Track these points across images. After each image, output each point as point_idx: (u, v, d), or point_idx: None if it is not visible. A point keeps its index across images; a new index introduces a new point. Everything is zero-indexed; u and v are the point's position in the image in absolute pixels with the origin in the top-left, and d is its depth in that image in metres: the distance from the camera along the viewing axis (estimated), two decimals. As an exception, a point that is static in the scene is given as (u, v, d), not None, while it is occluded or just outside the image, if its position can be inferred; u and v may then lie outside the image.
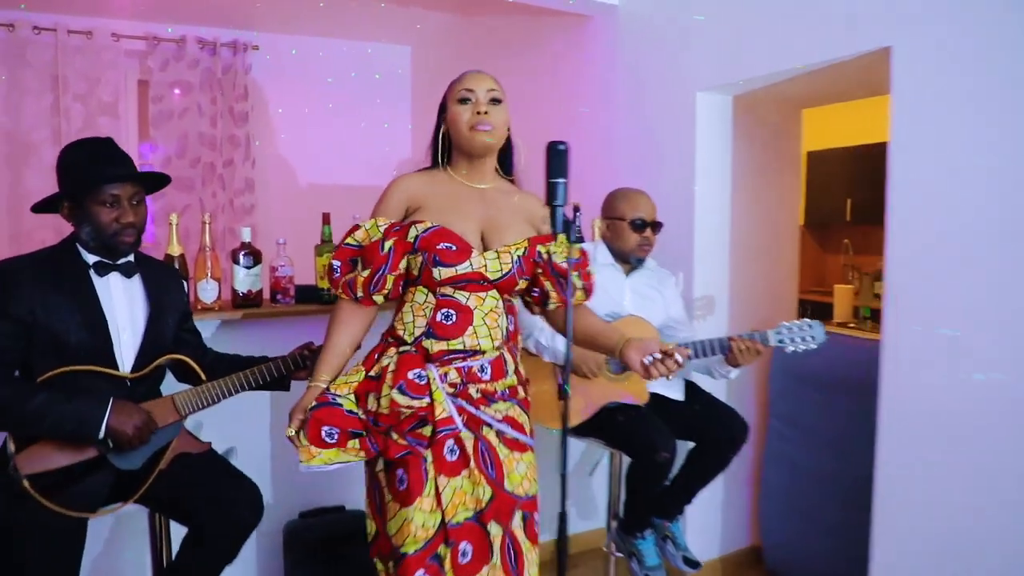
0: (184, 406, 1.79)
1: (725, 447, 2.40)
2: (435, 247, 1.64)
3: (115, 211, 1.75)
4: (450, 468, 1.65)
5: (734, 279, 2.86)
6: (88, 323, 1.71)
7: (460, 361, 1.67)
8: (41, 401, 1.59)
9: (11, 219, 4.22)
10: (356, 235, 1.71)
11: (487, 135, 1.70)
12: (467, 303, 1.67)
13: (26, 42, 4.19)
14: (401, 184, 1.74)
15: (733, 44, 2.56)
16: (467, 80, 1.74)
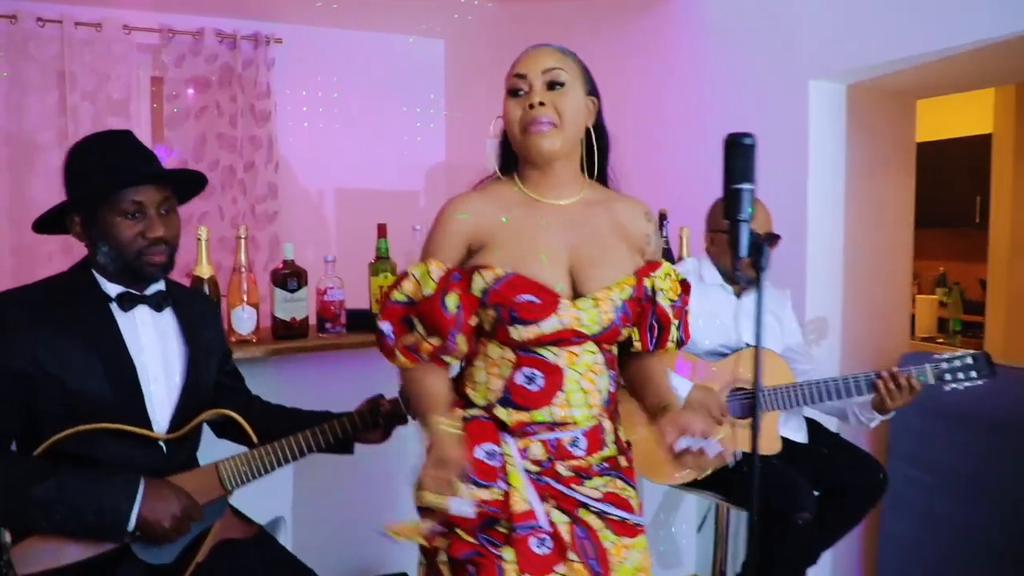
0: (232, 478, 1.41)
1: (861, 499, 2.03)
2: (511, 301, 1.23)
3: (139, 223, 1.36)
4: (540, 565, 1.23)
5: (848, 294, 2.46)
6: (112, 373, 1.32)
7: (547, 432, 1.28)
8: (51, 487, 1.20)
9: (13, 230, 3.87)
10: (404, 287, 1.28)
11: (544, 138, 1.26)
12: (556, 361, 1.26)
13: (29, 35, 3.84)
14: (457, 212, 1.30)
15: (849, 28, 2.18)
16: (519, 62, 1.31)
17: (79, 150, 1.40)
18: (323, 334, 2.04)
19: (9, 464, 1.21)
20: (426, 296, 1.24)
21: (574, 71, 1.32)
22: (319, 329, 2.05)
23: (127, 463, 1.30)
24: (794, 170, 2.36)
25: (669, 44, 2.88)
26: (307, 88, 4.52)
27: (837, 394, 1.89)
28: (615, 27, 3.17)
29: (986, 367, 1.85)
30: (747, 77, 2.54)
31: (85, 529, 1.23)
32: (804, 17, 2.32)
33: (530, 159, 1.29)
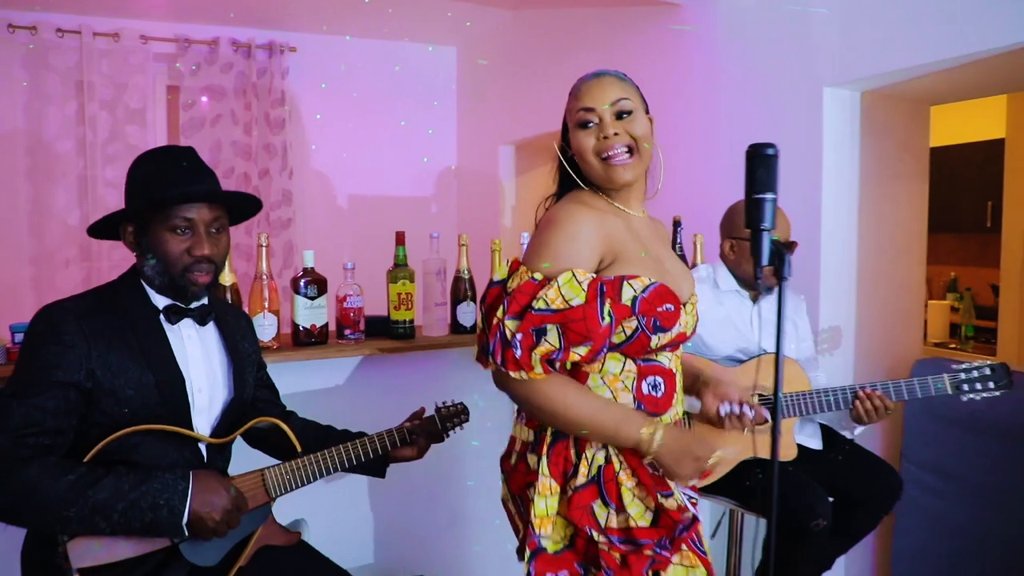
0: (276, 486, 1.43)
1: (875, 506, 2.04)
2: (656, 311, 1.25)
3: (187, 240, 1.37)
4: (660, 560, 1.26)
5: (862, 300, 2.47)
6: (161, 385, 1.35)
7: None
8: (108, 488, 1.23)
9: (33, 238, 3.91)
10: (548, 296, 1.21)
11: (626, 169, 1.30)
12: (670, 366, 1.33)
13: (49, 45, 3.90)
14: (591, 220, 1.27)
15: (863, 36, 2.19)
16: (583, 95, 1.33)
17: (141, 162, 1.42)
18: (342, 340, 2.06)
19: (65, 470, 1.22)
20: (574, 305, 1.20)
21: (635, 96, 1.35)
22: (338, 335, 2.08)
23: (175, 469, 1.32)
24: (809, 177, 2.37)
25: (681, 52, 2.89)
26: (321, 96, 4.55)
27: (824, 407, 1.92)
28: (627, 36, 3.19)
29: (1004, 377, 1.85)
30: (761, 85, 2.55)
31: (142, 527, 1.25)
32: (818, 25, 2.33)
33: (611, 186, 1.33)
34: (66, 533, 1.25)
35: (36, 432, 1.24)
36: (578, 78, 1.39)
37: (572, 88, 1.38)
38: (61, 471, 1.22)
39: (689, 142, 2.85)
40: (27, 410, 1.24)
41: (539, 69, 3.86)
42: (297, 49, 4.42)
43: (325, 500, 2.09)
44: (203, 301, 1.45)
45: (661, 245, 1.41)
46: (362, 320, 2.10)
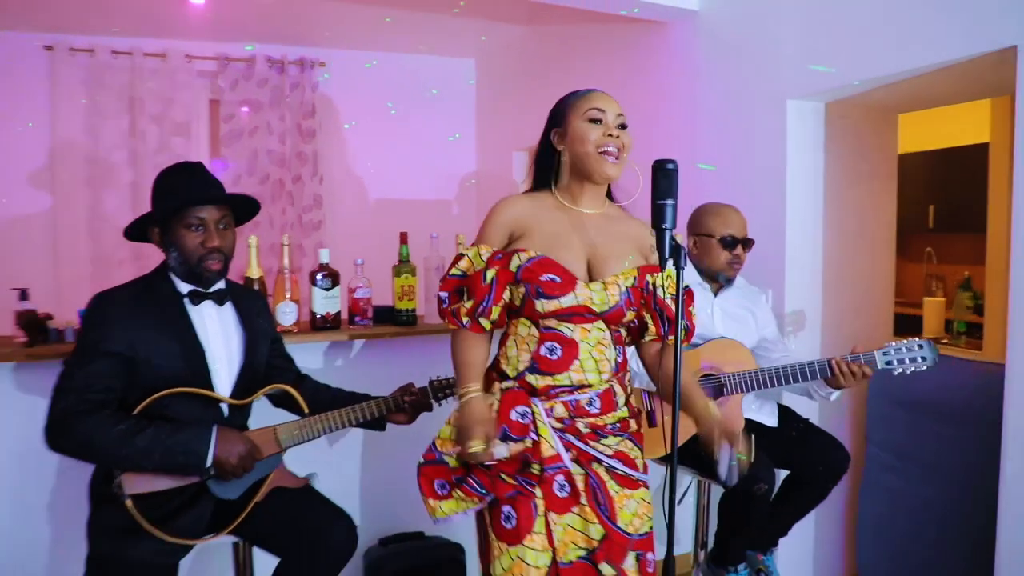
0: (286, 439, 1.75)
1: (824, 477, 2.27)
2: (538, 279, 1.55)
3: (200, 235, 1.70)
4: (560, 505, 1.57)
5: (828, 294, 2.70)
6: (186, 354, 1.67)
7: (567, 395, 1.58)
8: (149, 437, 1.55)
9: (91, 240, 4.32)
10: (460, 264, 1.64)
11: (613, 166, 1.60)
12: (572, 336, 1.58)
13: (105, 66, 4.31)
14: (505, 209, 1.64)
15: (826, 48, 2.42)
16: (596, 99, 1.63)
17: (163, 176, 1.75)
18: (353, 326, 2.38)
19: (117, 421, 1.56)
20: (477, 271, 1.59)
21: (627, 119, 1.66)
22: (350, 322, 2.40)
23: (202, 423, 1.65)
24: (773, 182, 2.60)
25: (668, 66, 3.15)
26: (348, 107, 4.91)
27: (802, 377, 2.13)
28: (624, 50, 3.46)
29: (930, 353, 2.06)
30: (732, 97, 2.80)
31: (176, 467, 1.58)
32: (783, 41, 2.56)
33: (594, 174, 1.60)
34: (118, 469, 1.58)
35: (93, 391, 1.56)
36: (581, 90, 1.67)
37: (573, 96, 1.66)
38: (114, 422, 1.55)
39: (674, 151, 3.10)
40: (85, 375, 1.57)
41: (549, 79, 4.14)
42: (326, 64, 4.78)
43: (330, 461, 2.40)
44: (220, 285, 1.78)
45: (599, 236, 1.63)
46: (370, 309, 2.41)
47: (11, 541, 2.05)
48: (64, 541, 2.08)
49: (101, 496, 1.63)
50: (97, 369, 1.58)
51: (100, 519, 1.63)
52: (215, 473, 1.62)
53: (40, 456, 1.96)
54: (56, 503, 2.09)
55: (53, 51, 4.24)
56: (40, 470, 2.07)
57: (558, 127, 1.65)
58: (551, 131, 1.67)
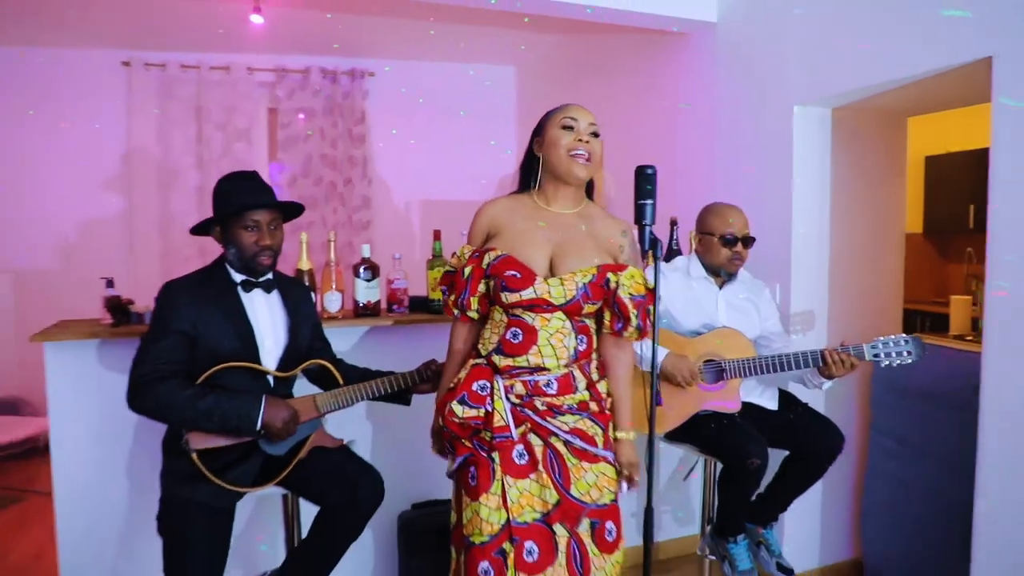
0: (323, 406, 2.04)
1: (820, 457, 2.42)
2: (503, 274, 1.77)
3: (255, 235, 2.00)
4: (517, 471, 1.77)
5: (834, 292, 2.86)
6: (238, 333, 1.97)
7: (527, 375, 1.78)
8: (209, 402, 1.86)
9: (161, 237, 4.74)
10: (451, 262, 1.92)
11: (582, 167, 1.80)
12: (533, 323, 1.78)
13: (175, 79, 4.72)
14: (485, 211, 1.87)
15: (831, 58, 2.58)
16: (571, 110, 1.84)
17: (222, 182, 2.05)
18: (391, 313, 2.65)
19: (183, 388, 1.86)
20: (461, 266, 1.85)
21: (600, 132, 1.87)
22: (388, 310, 2.67)
23: (252, 392, 1.94)
24: (780, 185, 2.78)
25: (688, 74, 3.35)
26: (396, 113, 5.23)
27: (795, 365, 2.32)
28: (650, 59, 3.66)
29: (916, 348, 2.22)
30: (743, 104, 2.98)
31: (231, 428, 1.88)
32: (791, 48, 2.74)
33: (565, 176, 1.81)
34: (183, 427, 1.89)
35: (164, 363, 1.87)
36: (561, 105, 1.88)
37: (553, 110, 1.87)
38: (181, 389, 1.86)
39: (689, 154, 3.31)
40: (157, 349, 1.88)
41: (583, 84, 4.37)
42: (375, 74, 5.11)
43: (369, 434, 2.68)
44: (268, 276, 2.07)
45: (565, 235, 1.81)
46: (407, 298, 2.68)
47: (96, 490, 2.40)
48: (139, 488, 2.42)
49: (171, 450, 1.94)
50: (167, 345, 1.88)
51: (171, 468, 1.94)
52: (264, 434, 1.91)
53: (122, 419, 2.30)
54: (133, 457, 2.43)
55: (130, 66, 4.68)
56: (121, 431, 2.41)
57: (539, 136, 1.87)
58: (533, 140, 1.89)
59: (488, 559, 1.73)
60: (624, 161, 2.09)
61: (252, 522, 2.54)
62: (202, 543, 1.89)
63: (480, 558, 1.73)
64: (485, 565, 1.73)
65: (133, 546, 2.43)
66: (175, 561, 1.88)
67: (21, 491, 4.11)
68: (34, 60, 4.60)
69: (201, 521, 1.89)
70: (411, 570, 2.50)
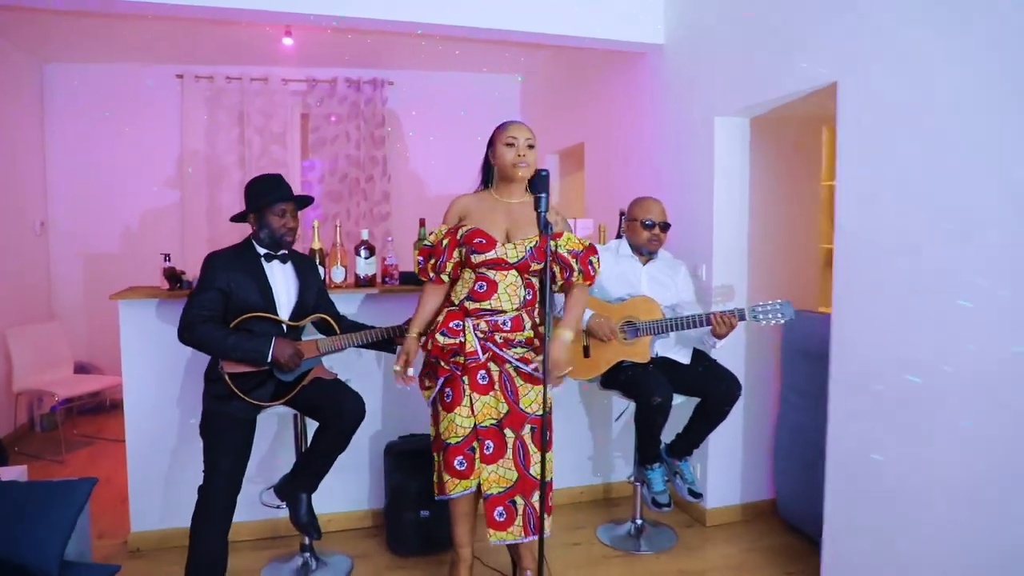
0: (322, 347, 2.71)
1: (723, 400, 3.00)
2: (472, 241, 2.43)
3: (284, 219, 2.69)
4: (481, 389, 2.46)
5: (752, 270, 3.42)
6: (261, 292, 2.64)
7: (489, 316, 2.44)
8: (234, 340, 2.54)
9: (209, 225, 5.50)
10: (429, 239, 2.57)
11: (522, 170, 2.47)
12: (494, 278, 2.45)
13: (221, 89, 5.45)
14: (458, 202, 2.55)
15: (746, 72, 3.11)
16: (512, 130, 2.49)
17: (255, 182, 2.71)
18: (384, 284, 3.33)
19: (218, 329, 2.54)
20: (437, 241, 2.51)
21: (536, 142, 2.52)
22: (382, 281, 3.35)
23: (268, 334, 2.63)
24: (703, 185, 3.37)
25: (639, 90, 3.96)
26: (413, 118, 5.90)
27: (684, 326, 2.88)
28: (622, 73, 4.26)
29: (788, 310, 2.80)
30: (677, 114, 3.57)
31: (249, 358, 2.55)
32: (716, 66, 3.30)
33: (511, 178, 2.48)
34: (218, 356, 2.58)
35: (206, 309, 2.56)
36: (506, 122, 2.53)
37: (500, 127, 2.52)
38: (217, 329, 2.54)
39: (640, 156, 3.91)
40: (201, 300, 2.56)
41: (572, 93, 4.98)
42: (394, 83, 5.78)
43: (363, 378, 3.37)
44: (285, 252, 2.73)
45: (513, 216, 2.48)
46: (397, 272, 3.36)
47: (155, 416, 3.13)
48: (187, 412, 3.15)
49: (211, 376, 2.64)
50: (208, 297, 2.57)
51: (209, 390, 2.64)
52: (275, 364, 2.60)
53: (175, 360, 3.03)
54: (183, 391, 3.16)
55: (183, 79, 5.43)
56: (174, 369, 3.13)
57: (491, 148, 2.54)
58: (488, 150, 2.56)
59: (462, 454, 2.45)
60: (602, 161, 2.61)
61: (274, 445, 3.25)
62: (231, 444, 2.58)
63: (455, 454, 2.45)
64: (460, 458, 2.45)
65: (181, 455, 3.16)
66: (211, 456, 2.58)
67: (93, 437, 4.92)
68: (98, 74, 5.37)
69: (231, 428, 2.59)
70: (396, 483, 3.17)
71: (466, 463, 2.45)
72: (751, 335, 3.46)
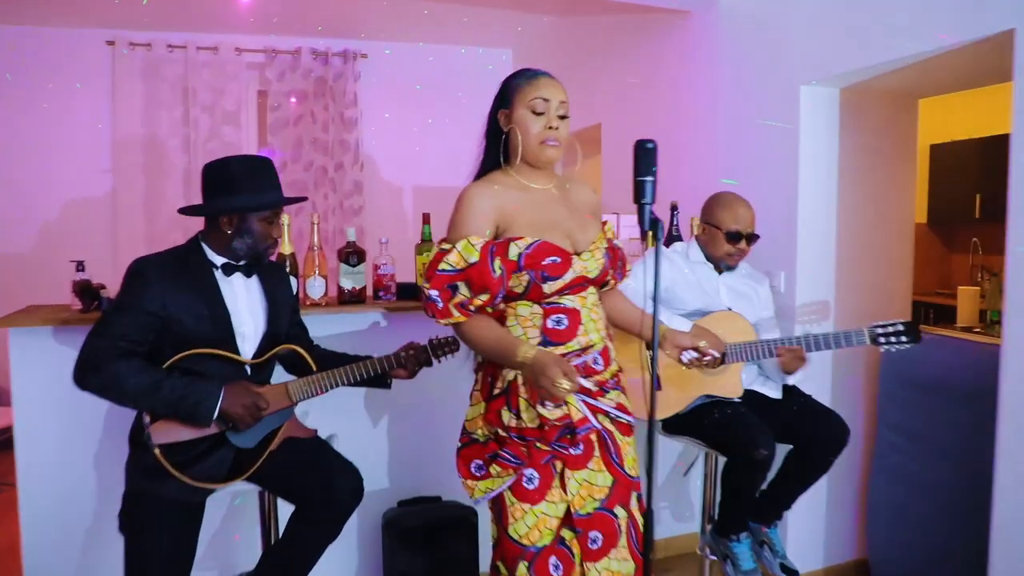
0: (296, 393, 1.91)
1: (825, 450, 2.31)
2: (540, 263, 1.62)
3: (271, 227, 1.93)
4: (575, 462, 1.69)
5: (841, 281, 2.74)
6: (214, 319, 1.85)
7: (576, 358, 1.68)
8: (168, 386, 1.74)
9: (147, 222, 4.62)
10: (449, 259, 1.62)
11: (551, 151, 1.69)
12: (573, 305, 1.68)
13: (161, 59, 4.58)
14: (483, 199, 1.66)
15: (839, 35, 2.46)
16: (542, 87, 1.68)
17: (234, 166, 1.90)
18: (377, 300, 2.53)
19: (142, 370, 1.73)
20: (472, 264, 1.59)
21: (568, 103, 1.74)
22: (374, 297, 2.55)
23: (221, 379, 1.82)
24: (786, 170, 2.66)
25: (689, 56, 3.22)
26: (389, 97, 5.09)
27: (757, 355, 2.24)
28: (650, 39, 3.53)
29: (912, 333, 2.14)
30: (747, 84, 2.85)
31: (186, 415, 1.75)
32: (796, 26, 2.61)
33: (537, 163, 1.71)
34: (136, 409, 1.77)
35: (125, 340, 1.75)
36: (527, 72, 1.73)
37: (521, 79, 1.72)
38: (139, 370, 1.73)
39: (691, 136, 3.18)
40: (121, 325, 1.75)
41: (581, 68, 4.23)
42: (368, 56, 4.97)
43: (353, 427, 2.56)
44: None
45: (566, 209, 1.74)
46: (394, 285, 2.56)
47: (63, 484, 2.28)
48: (107, 482, 2.30)
49: (136, 440, 1.82)
50: (132, 321, 1.76)
51: (135, 461, 1.82)
52: (228, 425, 1.80)
53: (90, 409, 2.18)
54: (101, 450, 2.31)
55: (114, 46, 4.53)
56: (89, 421, 2.28)
57: (505, 108, 1.73)
58: (498, 111, 1.74)
59: (555, 553, 1.68)
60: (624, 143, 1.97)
61: (229, 519, 2.42)
62: (166, 543, 1.77)
63: (548, 555, 1.67)
64: (554, 560, 1.67)
65: (100, 542, 2.31)
66: (136, 562, 1.76)
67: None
68: (12, 38, 4.45)
69: (166, 519, 1.77)
70: (397, 571, 2.39)
71: (562, 566, 1.68)
72: (837, 359, 2.78)
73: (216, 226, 1.90)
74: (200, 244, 1.93)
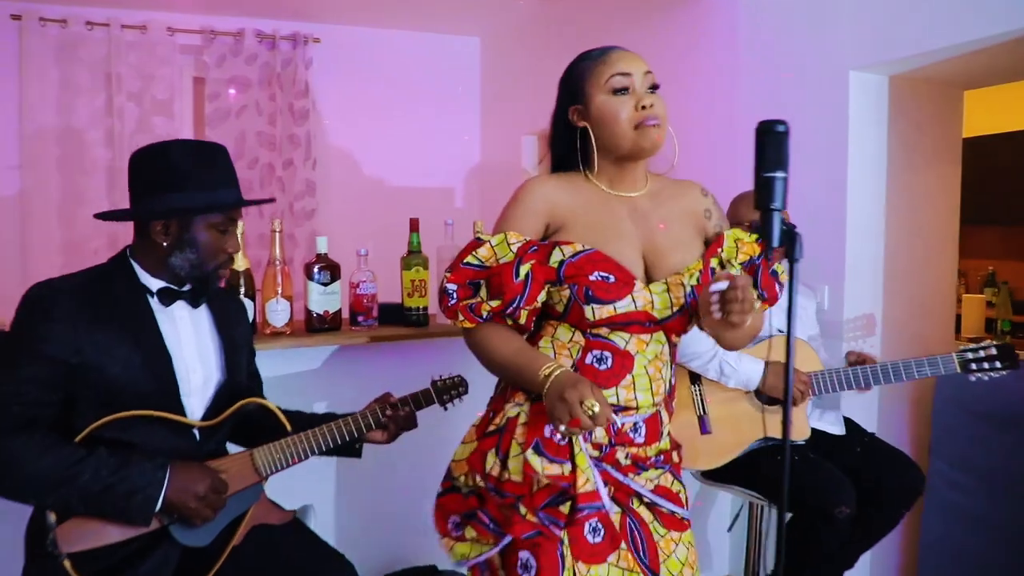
0: (265, 466, 1.43)
1: (897, 499, 1.99)
2: (587, 278, 1.26)
3: (225, 238, 1.43)
4: (591, 553, 1.27)
5: (889, 294, 2.41)
6: (150, 363, 1.35)
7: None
8: (90, 468, 1.24)
9: (63, 226, 4.02)
10: (479, 252, 1.33)
11: (655, 135, 1.30)
12: (627, 347, 1.29)
13: (78, 39, 3.99)
14: (540, 190, 1.35)
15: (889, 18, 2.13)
16: (618, 61, 1.34)
17: (187, 155, 1.41)
18: (355, 327, 2.06)
19: (47, 448, 1.24)
20: (501, 262, 1.30)
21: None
22: (352, 322, 2.08)
23: (161, 450, 1.33)
24: (833, 164, 2.32)
25: (703, 39, 2.85)
26: (344, 87, 4.58)
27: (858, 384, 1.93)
28: (651, 22, 3.15)
29: (1009, 358, 1.87)
30: (784, 68, 2.49)
31: (118, 512, 1.26)
32: (845, 6, 2.27)
33: (638, 152, 1.32)
34: (42, 507, 1.27)
35: (20, 402, 1.25)
36: (598, 50, 1.39)
37: (587, 60, 1.38)
38: (44, 448, 1.24)
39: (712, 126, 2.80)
40: (14, 382, 1.26)
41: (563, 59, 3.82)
42: (321, 40, 4.45)
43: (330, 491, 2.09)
44: None
45: (654, 218, 1.36)
46: (375, 307, 2.09)
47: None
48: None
49: (35, 549, 1.31)
50: (30, 375, 1.26)
51: (35, 572, 1.30)
52: (169, 520, 1.32)
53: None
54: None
55: (21, 20, 3.91)
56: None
57: (577, 103, 1.37)
58: (567, 108, 1.39)
59: None
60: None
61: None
62: None
63: None
64: None
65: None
66: None
67: None
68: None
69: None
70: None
71: None
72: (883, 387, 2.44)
73: (149, 235, 1.40)
74: (129, 262, 1.43)
